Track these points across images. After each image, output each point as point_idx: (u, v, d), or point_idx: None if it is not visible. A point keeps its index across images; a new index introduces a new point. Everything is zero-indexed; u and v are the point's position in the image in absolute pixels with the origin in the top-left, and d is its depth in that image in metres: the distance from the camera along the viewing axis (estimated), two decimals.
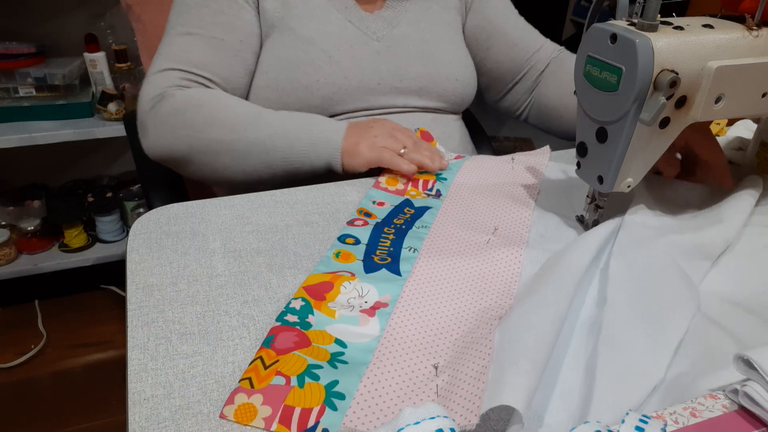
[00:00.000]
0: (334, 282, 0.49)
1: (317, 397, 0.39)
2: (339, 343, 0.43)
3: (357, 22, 0.82)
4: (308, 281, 0.49)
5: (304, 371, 0.40)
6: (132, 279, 0.51)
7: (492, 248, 0.55)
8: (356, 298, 0.48)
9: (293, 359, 0.41)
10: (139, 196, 1.69)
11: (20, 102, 1.44)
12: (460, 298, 0.48)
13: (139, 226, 0.58)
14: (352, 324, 0.45)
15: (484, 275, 0.51)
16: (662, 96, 0.47)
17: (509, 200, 0.64)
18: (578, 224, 0.60)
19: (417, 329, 0.45)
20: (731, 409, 0.40)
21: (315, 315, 0.46)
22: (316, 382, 0.40)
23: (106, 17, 1.59)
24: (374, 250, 0.54)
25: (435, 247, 0.55)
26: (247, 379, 0.40)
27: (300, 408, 0.38)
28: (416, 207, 0.62)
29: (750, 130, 0.80)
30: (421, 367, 0.42)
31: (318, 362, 0.41)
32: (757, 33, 0.51)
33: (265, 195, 0.65)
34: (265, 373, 0.40)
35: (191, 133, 0.70)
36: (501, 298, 0.48)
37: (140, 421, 0.38)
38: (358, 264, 0.52)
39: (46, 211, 1.62)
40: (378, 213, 0.61)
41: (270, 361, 0.41)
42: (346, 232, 0.57)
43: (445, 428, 0.34)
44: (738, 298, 0.50)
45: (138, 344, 0.44)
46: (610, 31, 0.48)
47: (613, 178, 0.53)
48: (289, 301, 0.47)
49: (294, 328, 0.44)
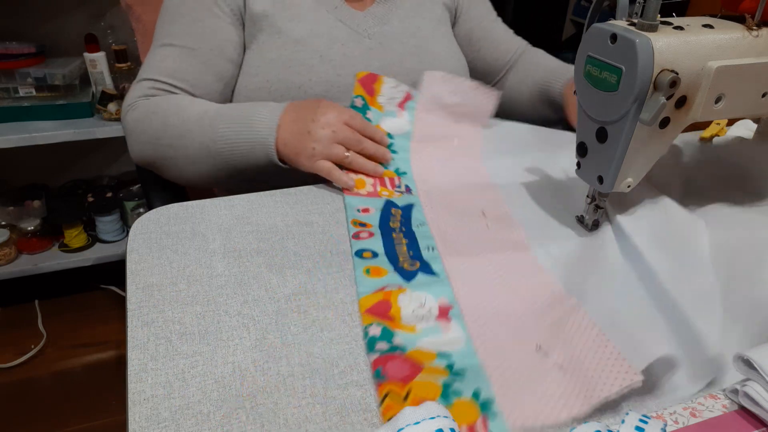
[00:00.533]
0: (388, 299, 0.48)
1: (474, 410, 0.39)
2: (442, 356, 0.43)
3: (348, 21, 0.83)
4: (365, 304, 0.48)
5: (443, 392, 0.40)
6: (132, 279, 0.51)
7: (494, 232, 0.59)
8: (420, 308, 0.48)
9: (424, 385, 0.41)
10: (139, 196, 1.69)
11: (20, 102, 1.44)
12: (506, 288, 0.51)
13: (139, 226, 0.58)
14: (436, 334, 0.45)
15: (510, 263, 0.55)
16: (662, 96, 0.47)
17: (468, 173, 0.69)
18: (578, 224, 0.60)
19: (494, 322, 0.47)
20: (731, 409, 0.40)
21: (399, 336, 0.45)
22: (462, 398, 0.40)
23: (106, 17, 1.59)
24: (396, 258, 0.54)
25: (449, 241, 0.57)
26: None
27: (465, 425, 0.38)
28: (401, 206, 0.63)
29: (750, 130, 0.80)
30: (525, 350, 0.44)
31: (446, 380, 0.41)
32: (757, 33, 0.51)
33: (265, 195, 0.65)
34: (409, 404, 0.39)
35: (150, 140, 0.73)
36: (535, 280, 0.53)
37: (140, 421, 0.38)
38: (394, 275, 0.52)
39: (46, 211, 1.62)
40: (370, 220, 0.60)
41: (403, 392, 0.40)
42: (361, 247, 0.56)
43: (445, 428, 0.34)
44: None
45: (138, 344, 0.44)
46: (610, 31, 0.48)
47: (613, 178, 0.53)
48: (365, 330, 0.46)
49: (394, 355, 0.43)
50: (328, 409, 0.39)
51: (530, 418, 0.39)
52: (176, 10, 0.79)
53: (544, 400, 0.40)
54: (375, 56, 0.82)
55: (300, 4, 0.81)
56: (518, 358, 0.43)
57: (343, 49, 0.80)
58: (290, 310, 0.48)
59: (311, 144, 0.66)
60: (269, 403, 0.40)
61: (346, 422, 0.38)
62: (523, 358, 0.43)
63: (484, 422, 0.38)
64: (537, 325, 0.47)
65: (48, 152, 1.60)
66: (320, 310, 0.48)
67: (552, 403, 0.39)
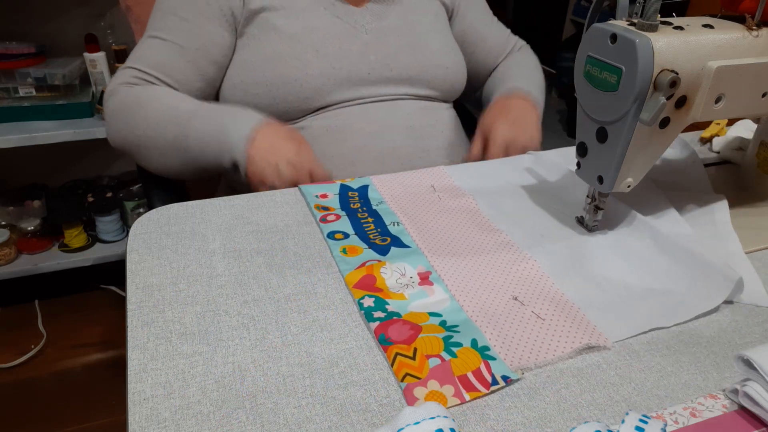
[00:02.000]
0: (371, 272, 0.52)
1: (476, 357, 0.43)
2: (434, 315, 0.48)
3: (345, 17, 0.83)
4: (351, 281, 0.51)
5: (445, 345, 0.44)
6: (132, 279, 0.51)
7: (446, 201, 0.65)
8: (402, 277, 0.52)
9: (427, 341, 0.44)
10: (139, 196, 1.69)
11: (20, 102, 1.44)
12: (471, 250, 0.57)
13: (139, 226, 0.58)
14: (424, 298, 0.50)
15: (467, 226, 0.61)
16: (662, 96, 0.47)
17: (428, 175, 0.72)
18: (578, 225, 0.60)
19: (470, 281, 0.52)
20: (731, 409, 0.40)
21: (391, 303, 0.49)
22: (463, 347, 0.44)
23: (106, 17, 1.59)
24: (366, 236, 0.58)
25: (410, 215, 0.62)
26: (407, 375, 0.41)
27: (470, 372, 0.42)
28: (356, 188, 0.68)
29: (750, 130, 0.80)
30: (504, 302, 0.49)
31: (445, 335, 0.45)
32: (757, 33, 0.52)
33: (265, 195, 0.65)
34: (418, 362, 0.42)
35: (126, 128, 0.77)
36: (498, 238, 0.59)
37: (140, 421, 0.38)
38: (369, 252, 0.55)
39: (46, 211, 1.62)
40: (332, 204, 0.64)
41: (410, 351, 0.43)
42: (331, 230, 0.59)
43: (445, 428, 0.34)
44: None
45: (138, 344, 0.44)
46: (610, 31, 0.48)
47: (613, 178, 0.53)
48: (359, 302, 0.49)
49: (392, 320, 0.47)
50: (328, 409, 0.39)
51: (523, 359, 0.43)
52: (169, 5, 0.81)
53: (530, 344, 0.45)
54: (371, 51, 0.83)
55: (297, 1, 0.81)
56: (499, 310, 0.49)
57: (339, 44, 0.81)
58: (290, 310, 0.48)
59: (272, 179, 0.70)
60: (269, 403, 0.40)
61: (346, 422, 0.38)
62: (504, 308, 0.49)
63: (487, 366, 0.42)
64: (507, 280, 0.52)
65: (48, 152, 1.60)
66: (320, 310, 0.48)
67: (537, 345, 0.45)
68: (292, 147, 0.71)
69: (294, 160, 0.70)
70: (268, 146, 0.71)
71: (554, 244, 0.57)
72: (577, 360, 0.44)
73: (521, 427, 0.38)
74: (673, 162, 0.76)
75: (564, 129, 2.90)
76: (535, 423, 0.39)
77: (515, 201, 0.66)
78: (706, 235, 0.59)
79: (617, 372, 0.43)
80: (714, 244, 0.58)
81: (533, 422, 0.39)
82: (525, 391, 0.41)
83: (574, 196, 0.64)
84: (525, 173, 0.72)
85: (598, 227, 0.59)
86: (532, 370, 0.43)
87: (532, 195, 0.67)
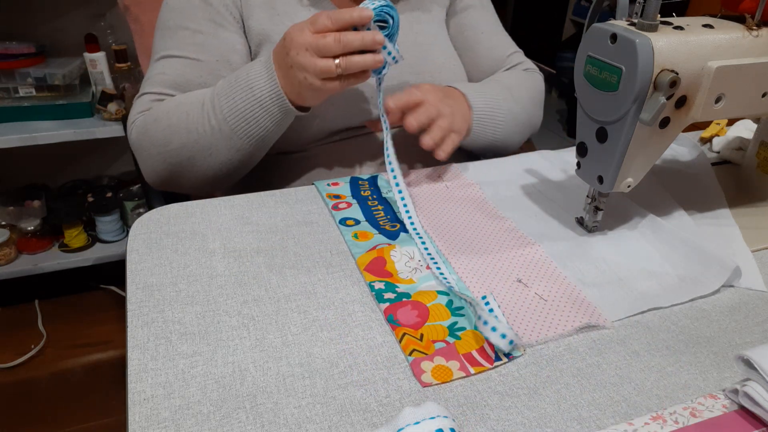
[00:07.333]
0: (382, 255, 0.55)
1: (479, 338, 0.45)
2: (441, 294, 0.50)
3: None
4: (362, 263, 0.54)
5: (450, 331, 0.46)
6: (132, 279, 0.51)
7: (453, 191, 0.68)
8: (410, 261, 0.54)
9: (432, 328, 0.46)
10: (139, 196, 1.69)
11: (20, 102, 1.44)
12: (478, 234, 0.59)
13: (139, 226, 0.58)
14: (431, 280, 0.52)
15: (474, 214, 0.63)
16: (662, 96, 0.47)
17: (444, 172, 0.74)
18: (578, 225, 0.60)
19: (476, 263, 0.54)
20: (731, 409, 0.40)
21: (401, 287, 0.51)
22: (467, 330, 0.46)
23: (106, 17, 1.59)
24: (377, 222, 0.61)
25: (418, 203, 0.64)
26: (414, 351, 0.44)
27: (475, 350, 0.44)
28: (366, 178, 0.70)
29: (750, 130, 0.79)
30: (509, 283, 0.52)
31: (450, 322, 0.47)
32: (757, 33, 0.51)
33: (265, 195, 0.65)
34: (424, 343, 0.45)
35: (159, 149, 0.70)
36: (501, 225, 0.61)
37: (140, 421, 0.38)
38: (380, 237, 0.58)
39: (46, 211, 1.62)
40: (343, 192, 0.67)
41: (417, 335, 0.46)
42: (343, 216, 0.61)
43: (445, 428, 0.34)
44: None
45: (138, 344, 0.44)
46: (610, 31, 0.48)
47: (613, 178, 0.53)
48: (371, 285, 0.51)
49: (402, 302, 0.49)
50: (328, 409, 0.39)
51: (525, 336, 0.46)
52: (175, 21, 0.76)
53: (532, 322, 0.47)
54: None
55: (297, 17, 0.78)
56: (504, 290, 0.51)
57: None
58: (290, 310, 0.48)
59: (300, 75, 0.62)
60: (269, 403, 0.40)
61: (346, 422, 0.38)
62: (508, 289, 0.51)
63: (491, 345, 0.44)
64: (512, 264, 0.54)
65: (48, 152, 1.60)
66: (320, 310, 0.48)
67: (539, 324, 0.47)
68: (300, 26, 0.62)
69: (293, 48, 0.62)
70: (287, 43, 0.63)
71: (558, 232, 0.60)
72: (578, 360, 0.44)
73: (521, 427, 0.38)
74: (682, 163, 0.76)
75: (564, 129, 2.90)
76: (535, 423, 0.39)
77: (522, 193, 0.68)
78: (709, 231, 0.61)
79: (617, 372, 0.43)
80: (717, 239, 0.59)
81: (533, 422, 0.39)
82: (525, 391, 0.41)
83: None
84: (535, 170, 0.74)
85: (598, 228, 0.59)
86: (533, 347, 0.45)
87: (540, 189, 0.69)
